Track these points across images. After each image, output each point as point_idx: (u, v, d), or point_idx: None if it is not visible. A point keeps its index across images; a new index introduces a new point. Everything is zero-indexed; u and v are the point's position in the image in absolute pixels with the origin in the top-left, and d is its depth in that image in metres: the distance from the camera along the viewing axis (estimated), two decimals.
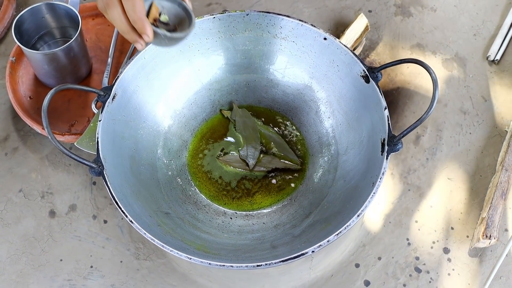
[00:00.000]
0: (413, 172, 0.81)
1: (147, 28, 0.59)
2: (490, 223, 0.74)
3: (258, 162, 0.77)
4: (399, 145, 0.64)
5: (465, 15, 0.94)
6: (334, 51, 0.73)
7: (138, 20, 0.59)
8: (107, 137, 0.67)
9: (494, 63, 0.90)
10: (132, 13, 0.59)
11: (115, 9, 0.59)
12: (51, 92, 0.62)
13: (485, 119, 0.85)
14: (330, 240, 0.59)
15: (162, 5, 0.65)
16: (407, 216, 0.77)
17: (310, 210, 0.72)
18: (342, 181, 0.71)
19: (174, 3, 0.66)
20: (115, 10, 0.59)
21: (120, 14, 0.59)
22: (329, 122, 0.77)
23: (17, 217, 0.77)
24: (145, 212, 0.66)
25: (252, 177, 0.77)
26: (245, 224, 0.73)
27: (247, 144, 0.77)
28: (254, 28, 0.75)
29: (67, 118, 0.82)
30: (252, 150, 0.77)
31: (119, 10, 0.59)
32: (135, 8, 0.58)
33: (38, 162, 0.81)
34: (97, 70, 0.87)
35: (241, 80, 0.80)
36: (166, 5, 0.65)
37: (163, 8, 0.65)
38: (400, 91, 0.87)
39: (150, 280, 0.73)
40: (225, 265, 0.58)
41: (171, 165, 0.77)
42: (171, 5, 0.66)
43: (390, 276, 0.73)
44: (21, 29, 0.79)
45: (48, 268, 0.74)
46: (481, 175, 0.81)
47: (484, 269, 0.74)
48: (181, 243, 0.64)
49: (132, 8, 0.58)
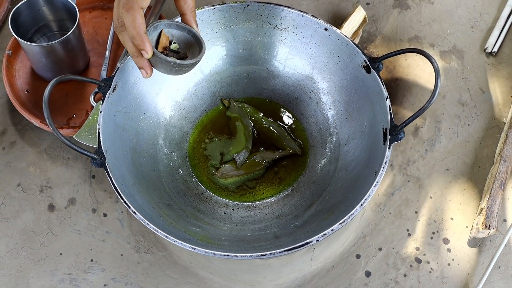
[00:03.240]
0: (412, 163, 0.81)
1: (145, 44, 0.60)
2: (489, 213, 0.74)
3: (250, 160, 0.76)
4: (401, 134, 0.64)
5: (462, 7, 0.95)
6: (335, 42, 0.73)
7: (137, 35, 0.59)
8: (108, 128, 0.66)
9: (491, 55, 0.90)
10: (131, 29, 0.59)
11: (125, 31, 0.60)
12: (52, 83, 0.61)
13: (483, 111, 0.85)
14: (334, 229, 0.59)
15: (172, 34, 0.66)
16: (407, 207, 0.78)
17: (312, 201, 0.72)
18: (344, 171, 0.71)
19: (183, 31, 0.66)
20: (125, 32, 0.60)
21: (128, 36, 0.60)
22: (330, 112, 0.77)
23: (16, 211, 0.76)
24: (147, 203, 0.66)
25: (252, 178, 0.77)
26: (247, 215, 0.73)
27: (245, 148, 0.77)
28: (254, 19, 0.75)
29: (65, 111, 0.81)
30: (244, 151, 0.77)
31: None
32: (134, 24, 0.58)
33: (36, 156, 0.80)
34: (94, 63, 0.86)
35: (242, 71, 0.80)
36: (176, 33, 0.66)
37: (173, 36, 0.66)
38: (398, 83, 0.87)
39: (151, 273, 0.73)
40: (230, 255, 0.58)
41: (172, 156, 0.76)
42: (181, 33, 0.66)
43: (390, 267, 0.74)
44: (17, 21, 0.78)
45: (48, 262, 0.73)
46: (479, 166, 0.81)
47: (483, 259, 0.74)
48: (184, 234, 0.63)
49: (131, 24, 0.59)
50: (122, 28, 0.60)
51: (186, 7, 0.64)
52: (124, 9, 0.58)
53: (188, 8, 0.65)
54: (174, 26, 0.65)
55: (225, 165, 0.76)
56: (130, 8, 0.58)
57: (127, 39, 0.61)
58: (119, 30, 0.61)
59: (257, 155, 0.77)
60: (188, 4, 0.64)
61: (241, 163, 0.76)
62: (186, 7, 0.64)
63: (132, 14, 0.58)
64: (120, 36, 0.62)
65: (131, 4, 0.58)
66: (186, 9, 0.65)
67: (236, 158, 0.76)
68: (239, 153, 0.77)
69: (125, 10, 0.58)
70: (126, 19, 0.59)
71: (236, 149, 0.77)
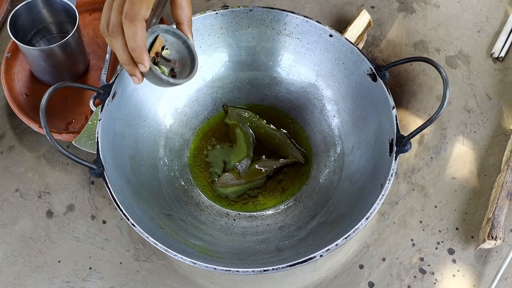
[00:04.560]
0: (417, 171, 0.80)
1: (144, 58, 0.58)
2: (495, 223, 0.73)
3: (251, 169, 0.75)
4: (408, 145, 0.62)
5: (468, 11, 0.93)
6: (340, 48, 0.71)
7: (137, 48, 0.57)
8: (107, 136, 0.65)
9: (498, 60, 0.89)
10: (132, 41, 0.57)
11: (119, 38, 0.58)
12: (49, 91, 0.60)
13: (490, 118, 0.84)
14: (339, 244, 0.57)
15: (166, 39, 0.63)
16: (411, 216, 0.77)
17: (315, 212, 0.70)
18: (348, 182, 0.70)
19: (179, 40, 0.64)
20: (119, 39, 0.58)
21: (122, 43, 0.58)
22: (334, 121, 0.76)
23: (14, 217, 0.75)
24: (147, 214, 0.65)
25: (253, 187, 0.75)
26: (249, 226, 0.71)
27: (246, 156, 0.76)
28: (257, 25, 0.74)
29: (65, 116, 0.80)
30: (246, 159, 0.75)
31: (123, 39, 0.58)
32: (136, 36, 0.57)
33: (35, 161, 0.79)
34: (94, 66, 0.85)
35: (244, 77, 0.79)
36: (170, 39, 0.64)
37: (167, 41, 0.64)
38: (404, 89, 0.86)
39: (151, 282, 0.72)
40: (231, 270, 0.56)
41: (173, 165, 0.75)
42: (176, 41, 0.64)
43: (394, 278, 0.73)
44: (16, 24, 0.77)
45: (46, 270, 0.72)
46: (486, 175, 0.80)
47: (489, 271, 0.73)
48: (184, 246, 0.62)
49: (132, 36, 0.57)
50: (116, 34, 0.58)
51: (183, 16, 0.62)
52: (127, 19, 0.56)
53: (185, 17, 0.62)
54: (171, 32, 0.63)
55: (225, 174, 0.75)
56: (133, 19, 0.56)
57: (120, 47, 0.58)
58: (112, 36, 0.58)
59: (258, 163, 0.75)
60: (186, 13, 0.62)
61: (244, 172, 0.74)
62: (183, 16, 0.62)
63: (135, 26, 0.56)
64: (110, 41, 0.59)
65: (134, 15, 0.56)
66: (183, 18, 0.63)
67: (238, 166, 0.75)
68: (241, 161, 0.75)
69: (128, 21, 0.56)
70: (127, 29, 0.57)
71: (238, 157, 0.76)
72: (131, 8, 0.56)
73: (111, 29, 0.58)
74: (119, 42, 0.58)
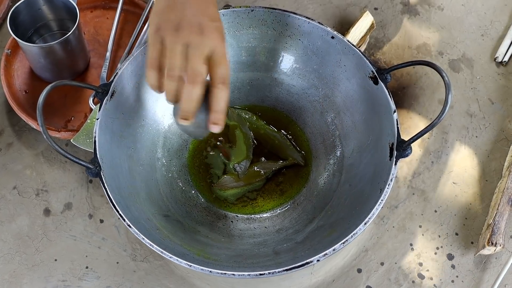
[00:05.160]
0: (417, 175, 0.79)
1: (192, 115, 0.56)
2: (496, 229, 0.72)
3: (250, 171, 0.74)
4: (409, 150, 0.62)
5: (472, 14, 0.92)
6: (341, 50, 0.70)
7: (189, 107, 0.55)
8: (105, 136, 0.65)
9: (502, 65, 0.88)
10: (188, 101, 0.55)
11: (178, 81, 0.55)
12: (47, 89, 0.59)
13: (492, 122, 0.83)
14: (336, 249, 0.57)
15: None
16: (411, 221, 0.76)
17: (313, 215, 0.70)
18: (347, 185, 0.69)
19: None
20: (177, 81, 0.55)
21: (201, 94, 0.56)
22: (334, 123, 0.75)
23: (11, 215, 0.75)
24: (143, 215, 0.64)
25: (252, 189, 0.75)
26: (246, 228, 0.71)
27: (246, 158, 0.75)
28: (259, 25, 0.73)
29: (63, 113, 0.80)
30: (245, 161, 0.75)
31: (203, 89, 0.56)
32: (192, 98, 0.55)
33: (33, 158, 0.79)
34: (95, 64, 0.84)
35: (244, 78, 0.78)
36: None
37: None
38: (405, 92, 0.85)
39: (147, 282, 0.71)
40: (227, 273, 0.56)
41: (171, 165, 0.74)
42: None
43: (392, 282, 0.72)
44: (16, 21, 0.77)
45: (42, 268, 0.72)
46: (487, 180, 0.79)
47: (488, 277, 0.73)
48: (181, 248, 0.62)
49: (189, 97, 0.54)
50: (177, 78, 0.55)
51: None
52: (189, 80, 0.54)
53: None
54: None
55: (224, 176, 0.74)
56: (195, 81, 0.54)
57: (173, 87, 0.55)
58: (173, 79, 0.55)
59: (258, 165, 0.75)
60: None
61: (243, 173, 0.74)
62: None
63: (195, 88, 0.54)
64: (167, 80, 0.55)
65: (197, 78, 0.54)
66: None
67: (237, 168, 0.74)
68: (240, 163, 0.75)
69: (189, 82, 0.54)
70: (186, 90, 0.54)
71: (237, 158, 0.75)
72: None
73: (195, 78, 0.55)
74: (174, 84, 0.55)
